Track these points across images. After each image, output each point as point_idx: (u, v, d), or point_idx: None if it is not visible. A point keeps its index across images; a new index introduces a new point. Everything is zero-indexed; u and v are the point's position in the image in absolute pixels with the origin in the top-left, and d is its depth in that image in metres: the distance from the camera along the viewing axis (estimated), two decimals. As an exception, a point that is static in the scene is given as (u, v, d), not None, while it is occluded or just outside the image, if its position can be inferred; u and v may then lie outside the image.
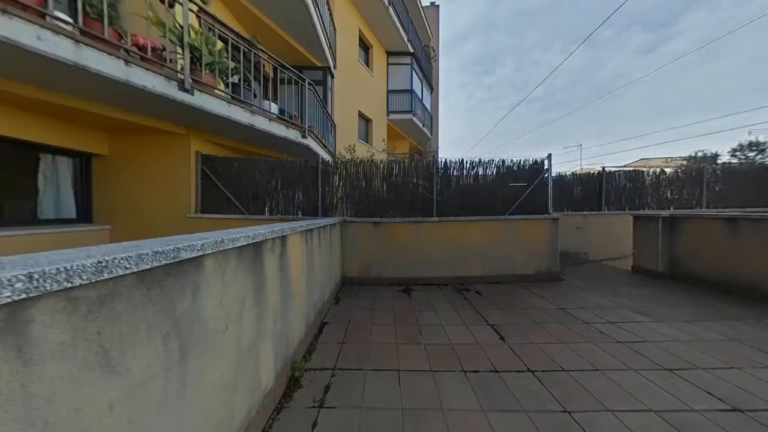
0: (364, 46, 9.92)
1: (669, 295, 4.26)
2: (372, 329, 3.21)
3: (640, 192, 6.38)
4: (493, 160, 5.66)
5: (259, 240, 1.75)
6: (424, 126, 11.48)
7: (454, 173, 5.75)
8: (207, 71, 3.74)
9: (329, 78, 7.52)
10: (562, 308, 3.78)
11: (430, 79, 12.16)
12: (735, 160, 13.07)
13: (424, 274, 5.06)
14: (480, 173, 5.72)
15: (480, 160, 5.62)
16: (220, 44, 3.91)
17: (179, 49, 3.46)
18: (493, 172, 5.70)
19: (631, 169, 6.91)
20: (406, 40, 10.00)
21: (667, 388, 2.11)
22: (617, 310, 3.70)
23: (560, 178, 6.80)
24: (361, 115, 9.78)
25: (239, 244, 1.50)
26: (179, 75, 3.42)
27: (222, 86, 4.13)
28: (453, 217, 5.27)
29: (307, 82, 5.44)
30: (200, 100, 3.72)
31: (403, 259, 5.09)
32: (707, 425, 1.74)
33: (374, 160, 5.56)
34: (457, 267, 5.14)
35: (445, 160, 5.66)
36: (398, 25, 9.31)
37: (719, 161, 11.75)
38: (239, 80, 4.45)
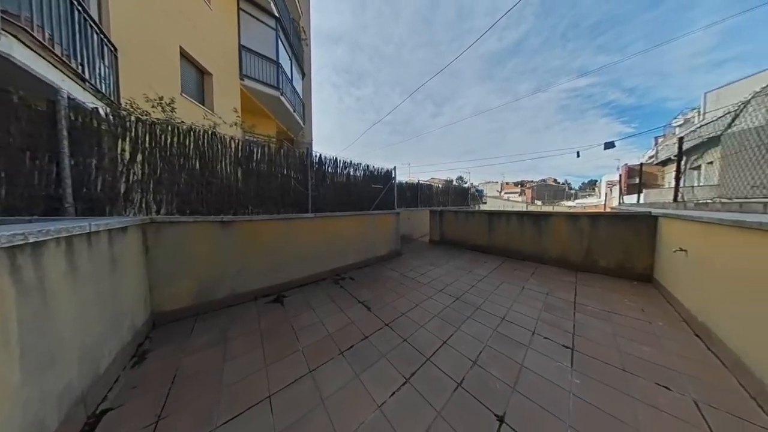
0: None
1: (441, 252, 4.71)
2: (223, 369, 1.42)
3: (431, 197, 5.54)
4: (361, 164, 3.80)
5: None
6: (295, 111, 6.65)
7: (329, 170, 3.40)
8: None
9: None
10: (402, 273, 3.27)
11: (301, 61, 7.33)
12: (457, 184, 15.46)
13: (301, 275, 2.80)
14: (351, 173, 3.69)
15: (351, 161, 3.64)
16: None
17: None
18: (361, 174, 3.84)
19: (427, 183, 5.83)
20: (268, -8, 5.42)
21: (440, 300, 2.33)
22: (424, 266, 3.61)
23: (400, 185, 6.72)
24: (187, 58, 3.95)
25: None
26: None
27: None
28: (329, 212, 3.19)
29: None
30: None
31: (273, 263, 2.56)
32: (451, 312, 2.05)
33: (218, 133, 2.30)
34: (334, 260, 3.18)
35: (320, 155, 3.28)
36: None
37: (453, 183, 13.53)
38: None
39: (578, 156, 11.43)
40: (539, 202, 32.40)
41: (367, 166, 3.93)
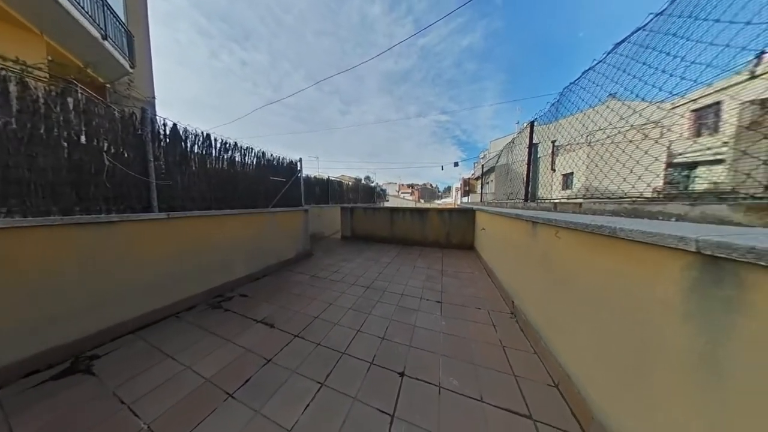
0: None
1: (353, 247, 4.87)
2: None
3: (342, 193, 5.76)
4: (252, 149, 3.03)
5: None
6: (107, 40, 3.41)
7: (197, 150, 2.41)
8: None
9: None
10: (313, 275, 3.03)
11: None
12: (365, 183, 15.81)
13: (140, 311, 1.72)
14: (239, 160, 2.86)
15: (237, 143, 2.81)
16: None
17: None
18: (254, 162, 3.08)
19: (338, 180, 6.01)
20: None
21: (353, 293, 2.37)
22: (337, 263, 3.61)
23: (307, 179, 6.06)
24: None
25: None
26: None
27: None
28: (198, 211, 2.28)
29: None
30: None
31: (58, 306, 1.30)
32: (363, 302, 2.16)
33: None
34: (210, 276, 2.32)
35: (175, 125, 2.20)
36: None
37: (362, 182, 13.66)
38: None
39: (442, 169, 17.13)
40: (422, 200, 43.14)
41: (264, 152, 3.18)
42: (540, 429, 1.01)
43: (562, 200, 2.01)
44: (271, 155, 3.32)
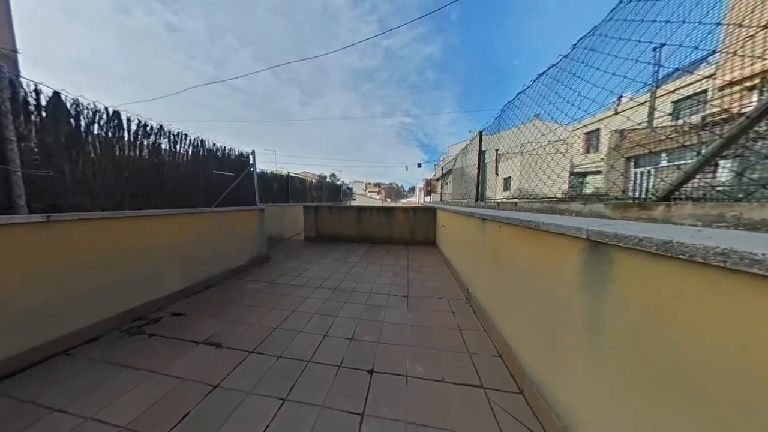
0: None
1: (318, 248, 4.69)
2: None
3: (305, 191, 5.50)
4: (187, 135, 2.61)
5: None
6: None
7: (98, 131, 1.77)
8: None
9: None
10: (270, 282, 2.80)
11: None
12: (330, 180, 14.83)
13: (6, 352, 1.23)
14: (165, 147, 2.37)
15: (162, 126, 2.32)
16: None
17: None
18: (188, 152, 2.64)
19: (300, 176, 5.67)
20: None
21: (319, 296, 2.26)
22: (300, 266, 3.42)
23: (263, 175, 5.59)
24: None
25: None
26: None
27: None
28: (103, 211, 1.69)
29: None
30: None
31: None
32: (330, 304, 2.07)
33: None
34: (124, 296, 1.79)
35: (57, 93, 1.57)
36: None
37: (327, 180, 12.73)
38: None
39: (407, 169, 18.06)
40: (389, 199, 44.27)
41: (203, 141, 2.65)
42: (489, 394, 1.18)
43: (504, 200, 2.40)
44: (214, 145, 2.81)
